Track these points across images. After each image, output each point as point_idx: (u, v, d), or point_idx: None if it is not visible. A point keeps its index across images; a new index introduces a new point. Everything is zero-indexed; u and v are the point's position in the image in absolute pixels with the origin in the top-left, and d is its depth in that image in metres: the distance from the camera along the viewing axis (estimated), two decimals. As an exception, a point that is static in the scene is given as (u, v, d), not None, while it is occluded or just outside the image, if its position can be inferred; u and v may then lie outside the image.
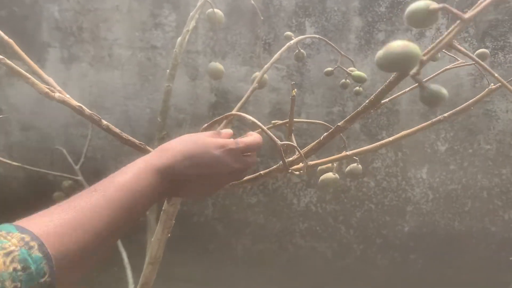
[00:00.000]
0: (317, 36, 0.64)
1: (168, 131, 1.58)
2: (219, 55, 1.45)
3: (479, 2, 0.23)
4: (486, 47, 1.27)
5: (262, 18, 1.25)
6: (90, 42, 1.52)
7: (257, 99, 1.45)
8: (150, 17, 1.48)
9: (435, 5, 0.23)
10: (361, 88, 0.66)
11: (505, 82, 0.26)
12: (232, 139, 0.47)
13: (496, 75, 0.25)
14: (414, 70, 0.24)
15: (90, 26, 1.52)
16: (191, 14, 0.78)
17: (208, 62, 1.47)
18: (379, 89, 0.30)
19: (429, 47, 0.24)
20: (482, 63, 0.25)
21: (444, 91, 0.24)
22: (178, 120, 1.54)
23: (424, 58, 0.22)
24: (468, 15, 0.22)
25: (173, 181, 0.45)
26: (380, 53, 0.23)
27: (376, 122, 1.39)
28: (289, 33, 0.62)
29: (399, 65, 0.22)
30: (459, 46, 0.24)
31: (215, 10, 0.83)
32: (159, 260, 0.60)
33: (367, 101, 0.32)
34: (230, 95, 1.47)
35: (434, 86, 0.24)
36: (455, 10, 0.22)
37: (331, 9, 1.34)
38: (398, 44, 0.22)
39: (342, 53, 0.59)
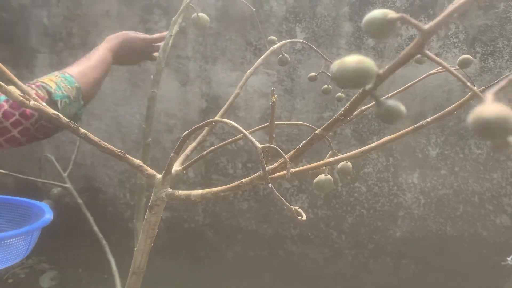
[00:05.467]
0: (301, 40, 0.63)
1: (159, 137, 1.57)
2: (209, 60, 1.45)
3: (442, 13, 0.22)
4: (476, 52, 1.27)
5: (256, 19, 1.25)
6: (80, 47, 1.51)
7: (248, 105, 1.45)
8: (140, 22, 1.47)
9: (393, 15, 0.22)
10: (343, 94, 0.66)
11: (475, 88, 0.25)
12: (148, 35, 0.90)
13: (468, 84, 0.24)
14: (370, 85, 0.23)
15: (80, 32, 1.51)
16: (173, 19, 0.77)
17: (198, 68, 1.46)
18: (353, 97, 0.29)
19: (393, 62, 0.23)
20: (451, 69, 0.24)
21: (401, 107, 0.23)
22: (168, 125, 1.53)
23: (381, 72, 0.21)
24: (427, 26, 0.22)
25: (117, 55, 0.87)
26: (334, 68, 0.22)
27: (367, 127, 1.39)
28: (272, 37, 0.62)
29: (353, 82, 0.21)
30: (430, 54, 0.23)
31: (200, 14, 0.82)
32: (143, 270, 0.59)
33: (342, 109, 0.31)
34: (220, 100, 1.47)
35: (391, 102, 0.23)
36: (413, 21, 0.22)
37: (322, 15, 1.34)
38: (352, 60, 0.21)
39: (326, 58, 0.59)
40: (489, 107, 0.17)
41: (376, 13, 0.21)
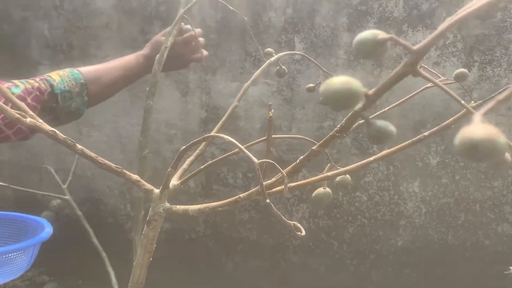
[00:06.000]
0: (299, 52, 0.63)
1: (159, 147, 1.57)
2: (209, 71, 1.45)
3: (432, 35, 0.22)
4: (474, 61, 1.27)
5: (250, 32, 1.26)
6: (80, 59, 1.52)
7: (248, 115, 1.45)
8: (140, 33, 1.48)
9: (383, 36, 0.22)
10: None
11: (468, 106, 0.25)
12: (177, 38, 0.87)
13: (460, 100, 0.24)
14: (359, 106, 0.23)
15: (80, 44, 1.52)
16: (168, 30, 0.78)
17: (198, 78, 1.47)
18: (348, 115, 0.29)
19: (381, 84, 0.23)
20: (444, 86, 0.24)
21: (391, 128, 0.23)
22: (169, 135, 1.53)
23: (370, 92, 0.21)
24: (416, 47, 0.22)
25: (151, 61, 0.85)
26: (321, 89, 0.22)
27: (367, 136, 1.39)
28: (269, 49, 0.62)
29: (340, 103, 0.21)
30: (422, 72, 0.23)
31: (186, 26, 0.85)
32: (142, 285, 0.59)
33: (338, 126, 0.32)
34: (220, 110, 1.47)
35: (381, 123, 0.23)
36: (402, 41, 0.22)
37: (320, 25, 1.35)
38: (337, 81, 0.21)
39: (323, 69, 0.59)
40: (477, 129, 0.17)
41: (366, 34, 0.21)
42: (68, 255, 1.62)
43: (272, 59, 0.59)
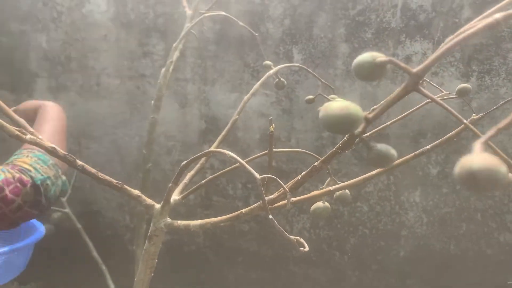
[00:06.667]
0: (297, 64, 0.63)
1: (158, 159, 1.57)
2: (208, 82, 1.45)
3: (431, 56, 0.22)
4: (473, 71, 1.27)
5: (257, 37, 1.26)
6: (78, 71, 1.52)
7: (247, 125, 1.45)
8: (138, 46, 1.48)
9: (382, 58, 0.22)
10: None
11: (466, 121, 0.25)
12: None
13: (463, 120, 0.24)
14: (359, 130, 0.22)
15: (78, 56, 1.52)
16: (174, 45, 0.78)
17: (197, 90, 1.47)
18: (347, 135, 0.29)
19: (378, 106, 0.23)
20: (446, 105, 0.24)
21: (392, 151, 0.23)
22: (167, 147, 1.52)
23: (370, 116, 0.21)
24: (416, 69, 0.21)
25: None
26: (320, 114, 0.21)
27: (367, 160, 1.39)
28: (268, 62, 0.62)
29: (339, 128, 0.21)
30: (423, 90, 0.23)
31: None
32: (142, 301, 0.58)
33: (340, 142, 0.31)
34: (219, 121, 1.47)
35: (382, 146, 0.23)
36: (402, 64, 0.21)
37: (318, 36, 1.35)
38: (337, 106, 0.21)
39: (322, 80, 0.59)
40: (476, 158, 0.16)
41: (364, 56, 0.21)
42: (67, 268, 1.60)
43: (271, 71, 0.59)
